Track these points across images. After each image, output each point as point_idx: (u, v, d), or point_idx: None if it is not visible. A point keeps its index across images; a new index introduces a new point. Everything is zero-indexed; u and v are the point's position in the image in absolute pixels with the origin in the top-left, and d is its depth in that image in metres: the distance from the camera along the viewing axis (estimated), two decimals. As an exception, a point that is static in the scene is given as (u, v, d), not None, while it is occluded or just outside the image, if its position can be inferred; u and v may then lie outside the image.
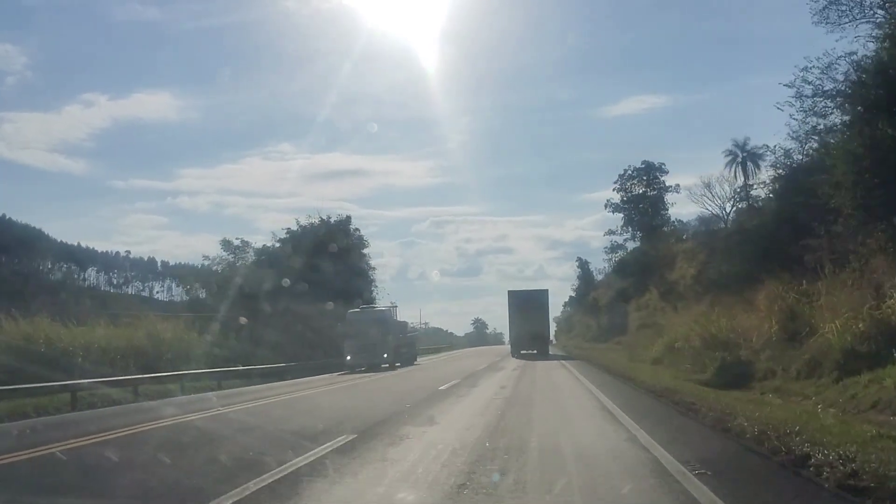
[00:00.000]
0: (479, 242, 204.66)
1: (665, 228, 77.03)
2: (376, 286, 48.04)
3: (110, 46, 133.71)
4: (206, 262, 41.92)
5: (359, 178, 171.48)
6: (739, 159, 67.06)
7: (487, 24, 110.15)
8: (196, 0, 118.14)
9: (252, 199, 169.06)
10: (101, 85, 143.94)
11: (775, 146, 35.13)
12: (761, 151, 66.30)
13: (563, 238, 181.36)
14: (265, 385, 22.84)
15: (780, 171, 29.81)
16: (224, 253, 40.46)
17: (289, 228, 43.13)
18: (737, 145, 67.70)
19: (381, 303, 49.53)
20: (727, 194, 67.97)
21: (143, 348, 21.88)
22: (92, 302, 48.37)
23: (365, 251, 47.14)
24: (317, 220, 43.83)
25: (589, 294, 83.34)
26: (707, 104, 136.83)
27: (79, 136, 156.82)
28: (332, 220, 44.79)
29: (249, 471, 7.53)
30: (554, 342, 78.24)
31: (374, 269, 48.40)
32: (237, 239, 41.85)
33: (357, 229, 47.16)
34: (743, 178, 66.61)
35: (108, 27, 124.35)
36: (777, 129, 73.29)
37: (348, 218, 46.39)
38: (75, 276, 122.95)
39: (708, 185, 69.49)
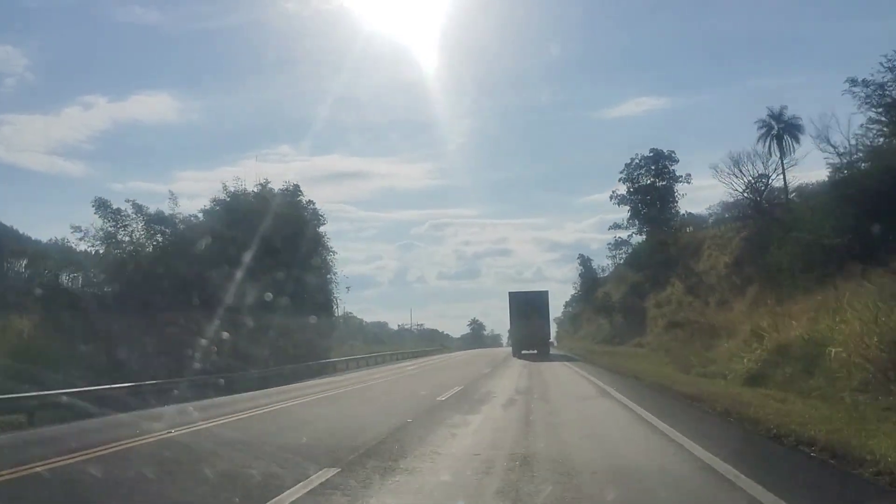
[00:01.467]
0: (477, 245, 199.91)
1: (674, 221, 68.15)
2: (335, 274, 37.85)
3: (110, 48, 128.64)
4: (78, 236, 27.64)
5: (357, 181, 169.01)
6: (775, 132, 57.98)
7: (486, 27, 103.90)
8: (196, 3, 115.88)
9: None
10: (101, 87, 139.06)
11: (863, 79, 26.43)
12: (801, 122, 58.38)
13: (563, 241, 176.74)
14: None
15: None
16: (101, 221, 26.99)
17: (215, 198, 33.32)
18: (772, 115, 58.36)
19: (343, 302, 40.09)
20: (758, 172, 58.72)
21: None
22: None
23: (321, 230, 37.03)
24: (253, 188, 33.68)
25: (596, 290, 73.68)
26: (708, 106, 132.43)
27: (78, 138, 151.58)
28: (273, 189, 34.80)
29: None
30: (555, 344, 76.10)
31: (333, 252, 38.29)
32: (128, 202, 28.34)
33: (311, 202, 36.93)
34: (779, 154, 57.91)
35: (108, 29, 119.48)
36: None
37: (296, 188, 36.26)
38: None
39: (737, 162, 60.05)
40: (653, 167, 69.92)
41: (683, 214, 69.68)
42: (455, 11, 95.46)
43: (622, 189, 70.25)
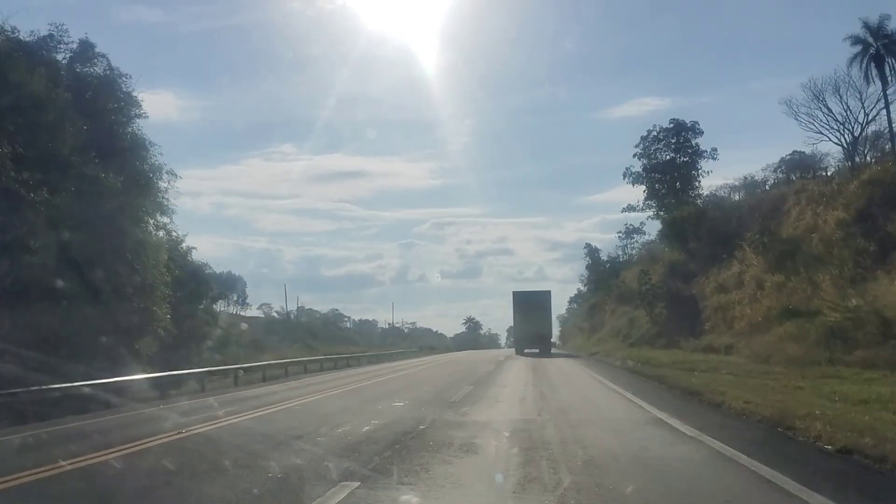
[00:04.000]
0: (479, 244, 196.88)
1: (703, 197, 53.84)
2: (168, 214, 21.24)
3: (113, 47, 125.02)
4: None
5: (360, 180, 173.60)
6: (873, 51, 42.04)
7: (489, 27, 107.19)
8: (199, 2, 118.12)
9: (253, 201, 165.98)
10: None
11: None
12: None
13: (564, 240, 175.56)
14: None
15: None
16: None
17: None
18: (868, 28, 42.50)
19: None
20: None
21: None
22: None
23: (139, 127, 20.20)
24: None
25: (618, 275, 57.30)
26: (710, 107, 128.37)
27: None
28: (15, 31, 17.76)
29: None
30: (558, 343, 69.10)
31: (171, 176, 21.78)
32: None
33: (121, 75, 20.39)
34: (881, 82, 41.85)
35: (110, 28, 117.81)
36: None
37: (87, 46, 19.73)
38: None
39: (819, 95, 43.90)
40: (672, 140, 57.56)
41: (708, 196, 54.98)
42: (458, 12, 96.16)
43: (637, 165, 58.01)
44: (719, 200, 48.51)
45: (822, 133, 43.72)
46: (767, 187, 53.88)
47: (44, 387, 13.68)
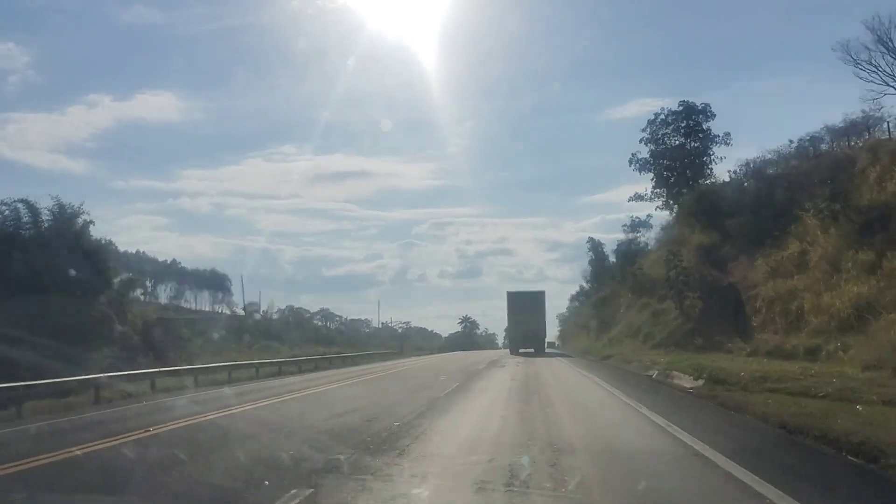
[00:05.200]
0: (479, 244, 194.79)
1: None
2: None
3: (114, 48, 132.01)
4: None
5: (360, 180, 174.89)
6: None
7: (489, 28, 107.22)
8: (199, 3, 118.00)
9: (254, 201, 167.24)
10: (105, 86, 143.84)
11: None
12: None
13: (564, 240, 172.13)
14: None
15: None
16: None
17: None
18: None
19: None
20: None
21: None
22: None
23: None
24: None
25: (634, 263, 49.01)
26: (713, 107, 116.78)
27: (81, 137, 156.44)
28: None
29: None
30: (557, 344, 66.60)
31: None
32: None
33: None
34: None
35: (112, 29, 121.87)
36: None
37: None
38: None
39: (882, 38, 35.51)
40: (682, 125, 52.08)
41: (720, 182, 47.33)
42: (458, 12, 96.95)
43: (644, 151, 52.51)
44: (757, 171, 40.26)
45: (888, 84, 35.40)
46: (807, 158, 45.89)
47: None
